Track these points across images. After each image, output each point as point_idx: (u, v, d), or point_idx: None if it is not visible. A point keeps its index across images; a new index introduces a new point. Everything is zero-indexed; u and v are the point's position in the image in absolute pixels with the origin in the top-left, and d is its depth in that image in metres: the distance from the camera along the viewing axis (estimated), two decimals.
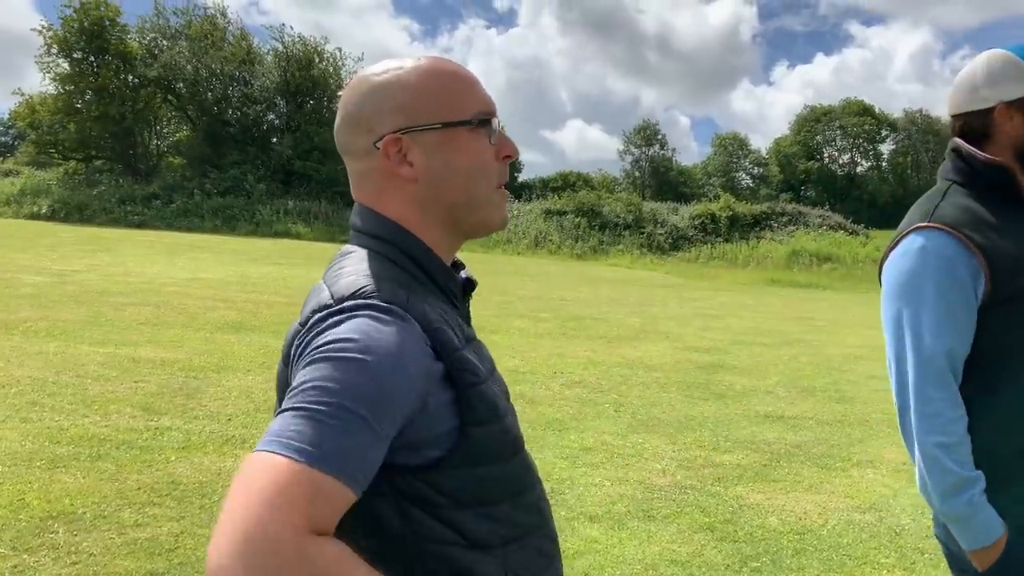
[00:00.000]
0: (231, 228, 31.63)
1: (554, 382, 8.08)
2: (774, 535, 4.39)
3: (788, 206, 37.57)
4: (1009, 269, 1.79)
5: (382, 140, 1.11)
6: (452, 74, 1.16)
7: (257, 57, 42.78)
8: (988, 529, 1.78)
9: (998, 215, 1.85)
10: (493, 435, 1.08)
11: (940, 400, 1.79)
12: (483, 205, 1.17)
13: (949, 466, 1.77)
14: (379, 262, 1.10)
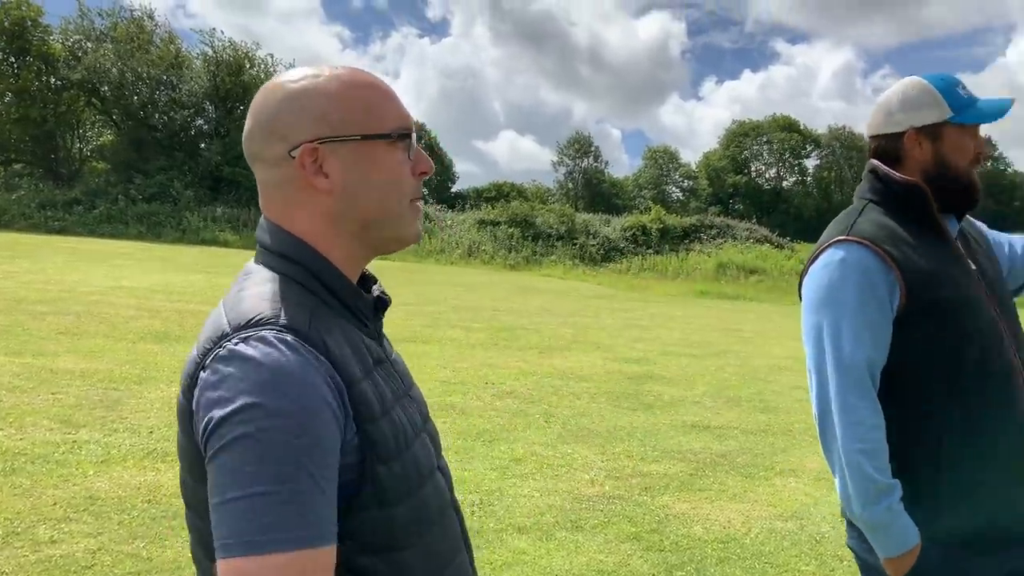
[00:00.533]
0: (156, 235, 30.86)
1: (485, 392, 8.08)
2: (699, 544, 4.46)
3: (716, 219, 38.34)
4: (922, 283, 1.86)
5: (298, 149, 1.07)
6: (372, 86, 1.13)
7: (186, 61, 41.91)
8: (905, 537, 1.83)
9: (912, 233, 1.93)
10: (397, 472, 1.04)
11: (861, 408, 1.84)
12: (397, 220, 1.15)
13: (870, 473, 1.82)
14: (283, 283, 1.06)
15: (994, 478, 1.85)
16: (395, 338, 9.63)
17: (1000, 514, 1.85)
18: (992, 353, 1.85)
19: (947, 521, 1.86)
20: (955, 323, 1.85)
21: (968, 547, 1.86)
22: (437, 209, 38.55)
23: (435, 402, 7.41)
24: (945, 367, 1.85)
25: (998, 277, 1.98)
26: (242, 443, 0.89)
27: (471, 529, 4.41)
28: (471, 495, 5.00)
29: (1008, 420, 1.85)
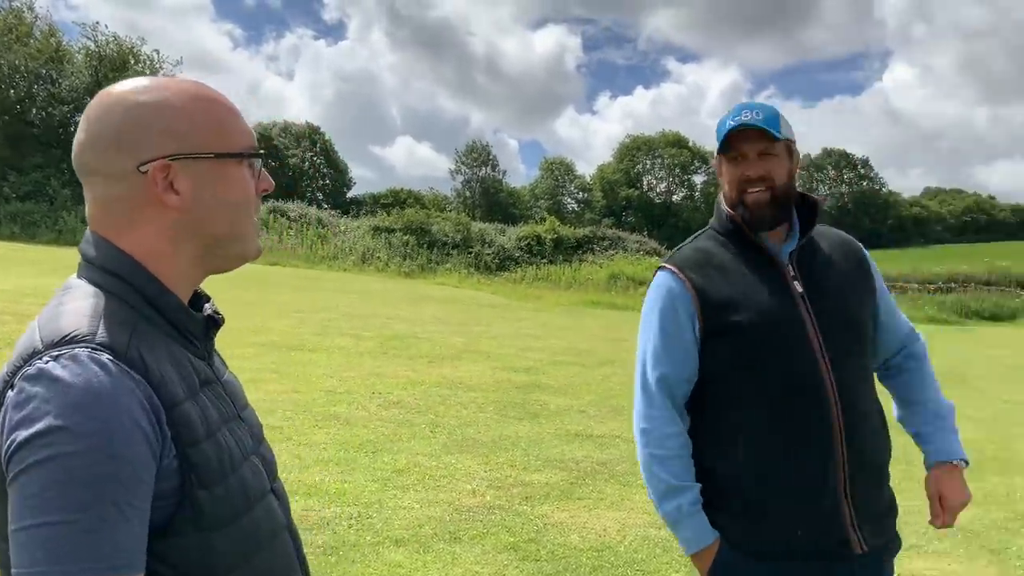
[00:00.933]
0: (31, 236, 29.32)
1: (371, 403, 8.00)
2: (574, 552, 4.53)
3: (609, 231, 39.07)
4: (719, 307, 2.01)
5: (149, 164, 1.05)
6: (220, 103, 1.13)
7: (67, 55, 40.05)
8: (697, 537, 2.00)
9: (732, 257, 2.06)
10: (220, 496, 1.02)
11: (655, 418, 2.04)
12: (243, 238, 1.14)
13: (660, 474, 2.02)
14: (105, 299, 1.03)
15: (786, 493, 1.95)
16: (283, 345, 9.45)
17: (791, 528, 1.95)
18: (799, 371, 1.95)
19: (740, 527, 1.99)
20: (755, 343, 1.97)
21: (758, 555, 1.98)
22: (331, 215, 37.97)
23: (319, 412, 7.30)
24: (746, 383, 1.99)
25: (837, 297, 2.03)
26: (43, 467, 0.86)
27: (347, 543, 4.37)
28: (349, 508, 4.95)
29: (811, 438, 1.94)
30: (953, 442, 2.10)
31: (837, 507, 1.94)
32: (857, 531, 1.95)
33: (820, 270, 2.05)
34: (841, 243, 2.15)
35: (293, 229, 33.12)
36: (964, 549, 4.98)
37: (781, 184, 2.00)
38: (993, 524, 5.48)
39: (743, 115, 1.98)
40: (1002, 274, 33.73)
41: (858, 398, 1.98)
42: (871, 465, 2.00)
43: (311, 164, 70.68)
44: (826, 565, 1.97)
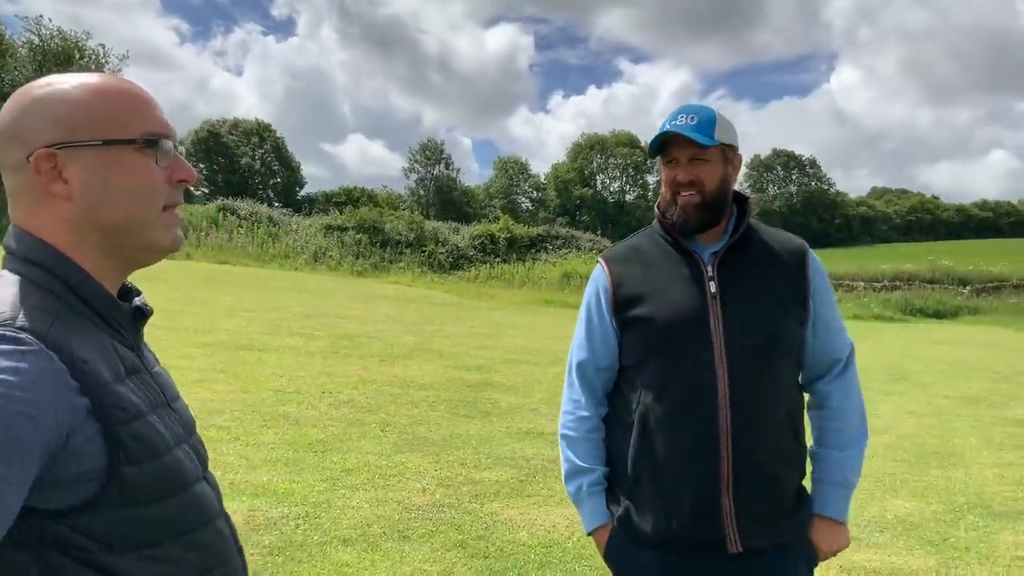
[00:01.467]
0: None
1: (321, 402, 7.93)
2: (523, 549, 4.55)
3: (563, 230, 39.19)
4: (629, 300, 2.10)
5: (33, 155, 1.06)
6: (122, 92, 1.12)
7: (9, 49, 39.10)
8: (591, 519, 2.14)
9: (657, 256, 2.14)
10: (149, 474, 1.04)
11: (572, 401, 2.19)
12: (147, 227, 1.13)
13: (567, 455, 2.18)
14: (28, 288, 1.04)
15: (666, 484, 2.02)
16: (232, 345, 9.32)
17: (667, 518, 2.01)
18: (694, 369, 1.99)
19: (625, 512, 2.09)
20: (657, 337, 2.04)
21: (640, 541, 2.06)
22: (282, 213, 37.54)
23: (268, 412, 7.22)
24: (647, 375, 2.06)
25: (754, 301, 2.03)
26: None
27: (294, 543, 4.33)
28: (297, 507, 4.90)
29: (696, 435, 1.99)
30: (839, 499, 2.12)
31: (715, 505, 1.97)
32: (735, 530, 1.97)
33: (742, 273, 2.07)
34: (783, 248, 2.13)
35: (244, 227, 32.69)
36: (903, 541, 5.10)
37: (712, 188, 2.04)
38: (932, 516, 5.62)
39: (678, 119, 2.03)
40: (945, 272, 34.51)
41: (755, 402, 1.98)
42: (761, 468, 2.00)
43: (262, 162, 69.83)
44: (701, 560, 2.01)
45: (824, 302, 2.13)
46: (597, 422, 2.16)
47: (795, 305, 2.08)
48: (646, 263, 2.12)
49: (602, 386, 2.17)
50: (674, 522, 1.99)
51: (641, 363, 2.07)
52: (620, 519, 2.08)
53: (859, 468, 2.16)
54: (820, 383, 2.18)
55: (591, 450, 2.15)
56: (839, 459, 2.13)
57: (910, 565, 4.70)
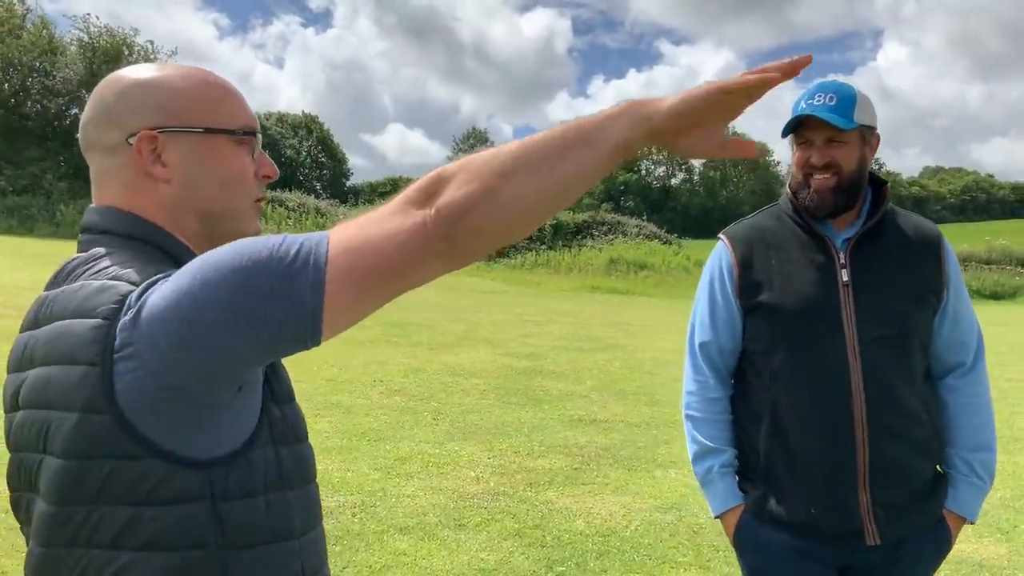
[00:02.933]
0: (29, 229, 29.30)
1: (373, 391, 7.97)
2: (580, 538, 4.50)
3: (608, 216, 38.95)
4: (757, 284, 2.02)
5: (135, 136, 1.07)
6: (220, 86, 1.15)
7: (60, 47, 39.90)
8: (722, 500, 2.07)
9: (785, 238, 2.04)
10: (286, 416, 1.09)
11: (697, 382, 2.11)
12: (237, 217, 1.14)
13: (695, 436, 2.10)
14: (145, 259, 1.03)
15: (802, 473, 1.97)
16: None
17: (805, 505, 1.96)
18: (827, 359, 1.93)
19: (760, 496, 2.03)
20: (787, 324, 1.97)
21: (776, 524, 2.00)
22: (329, 204, 37.87)
23: (320, 401, 7.27)
24: (777, 362, 1.99)
25: (885, 290, 1.97)
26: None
27: (351, 532, 4.35)
28: (353, 496, 4.92)
29: (831, 426, 1.93)
30: (976, 500, 2.06)
31: (852, 496, 1.94)
32: (872, 522, 1.93)
33: (876, 261, 2.00)
34: (918, 235, 2.05)
35: (292, 219, 33.04)
36: (972, 529, 4.93)
37: (848, 172, 1.96)
38: (1001, 503, 5.46)
39: (815, 98, 1.94)
40: (1002, 252, 33.66)
41: (889, 393, 1.93)
42: (896, 459, 1.95)
43: (309, 154, 70.54)
44: (839, 548, 1.99)
45: (956, 291, 2.05)
46: (726, 404, 2.11)
47: (930, 295, 2.00)
48: (772, 245, 2.04)
49: (726, 368, 2.12)
50: (812, 510, 1.96)
51: (769, 350, 2.01)
52: (755, 502, 2.03)
53: (994, 469, 2.09)
54: (949, 377, 2.09)
55: (721, 431, 2.09)
56: (975, 460, 2.06)
57: (980, 553, 4.56)
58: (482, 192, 0.90)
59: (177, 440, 0.93)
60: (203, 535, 0.95)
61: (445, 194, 0.90)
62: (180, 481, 0.93)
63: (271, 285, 0.88)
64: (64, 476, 0.95)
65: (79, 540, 0.95)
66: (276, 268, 0.88)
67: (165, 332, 0.89)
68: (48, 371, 0.97)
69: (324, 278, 0.88)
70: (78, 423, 0.93)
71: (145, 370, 0.90)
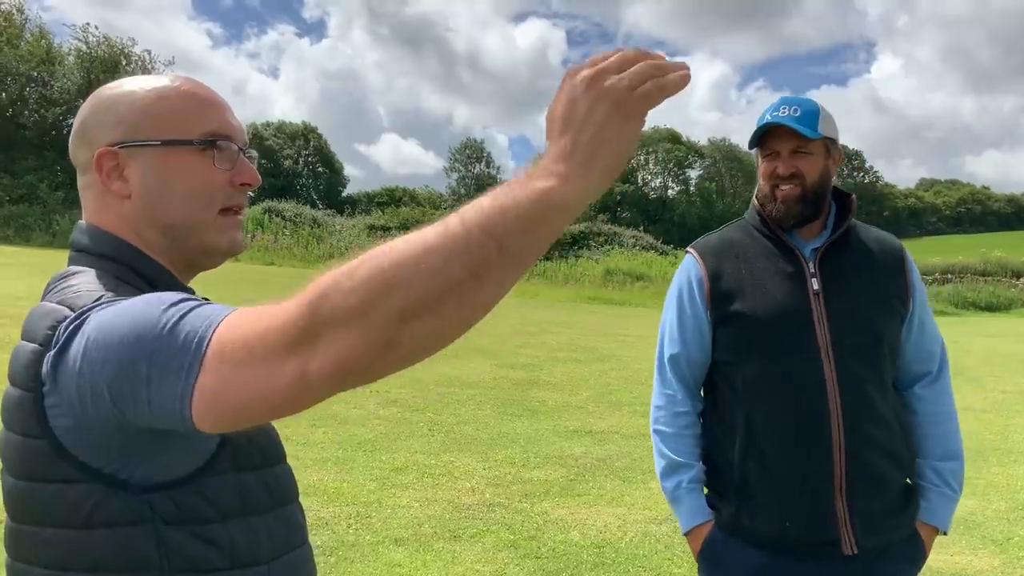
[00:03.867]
0: (25, 239, 29.25)
1: (369, 401, 7.96)
2: (575, 549, 4.50)
3: (604, 227, 38.94)
4: (727, 295, 2.03)
5: (96, 152, 1.09)
6: (186, 93, 1.12)
7: (58, 57, 39.94)
8: (691, 516, 2.06)
9: (754, 250, 2.06)
10: (253, 438, 1.07)
11: (665, 396, 2.10)
12: (202, 229, 1.11)
13: (663, 451, 2.09)
14: (112, 281, 1.04)
15: (778, 486, 1.96)
16: None
17: (780, 520, 1.96)
18: (801, 369, 1.94)
19: (731, 511, 2.01)
20: (760, 334, 1.98)
21: (746, 540, 1.99)
22: (326, 214, 37.88)
23: (316, 411, 7.25)
24: (750, 373, 2.00)
25: (856, 298, 1.99)
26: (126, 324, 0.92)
27: (346, 543, 4.34)
28: (348, 507, 4.92)
29: (808, 436, 1.94)
30: (947, 510, 2.08)
31: (830, 506, 1.94)
32: (849, 532, 1.94)
33: (845, 270, 2.03)
34: (881, 246, 2.10)
35: (288, 229, 33.04)
36: (966, 540, 4.96)
37: (813, 181, 1.99)
38: (995, 515, 5.47)
39: (780, 110, 1.98)
40: (997, 264, 33.72)
41: (864, 401, 1.95)
42: (872, 468, 1.96)
43: (305, 164, 70.56)
44: (814, 562, 1.97)
45: (921, 301, 2.09)
46: (694, 417, 2.11)
47: (898, 304, 2.04)
48: (742, 256, 2.06)
49: (695, 381, 2.12)
50: (788, 523, 1.95)
51: (741, 360, 2.01)
52: (728, 518, 2.02)
53: (963, 478, 2.11)
54: (916, 387, 2.12)
55: (689, 446, 2.09)
56: (945, 469, 2.07)
57: (974, 565, 4.56)
58: (380, 338, 0.75)
59: (115, 465, 0.94)
60: (147, 560, 0.95)
61: (329, 340, 0.76)
62: (119, 504, 0.94)
63: (151, 376, 0.85)
64: (16, 495, 0.98)
65: (33, 558, 0.97)
66: (158, 360, 0.84)
67: (72, 382, 0.91)
68: (10, 390, 1.00)
69: (189, 397, 0.83)
70: (21, 445, 0.96)
71: (60, 408, 0.93)
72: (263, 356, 0.79)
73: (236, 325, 0.83)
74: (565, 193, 0.76)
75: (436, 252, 0.74)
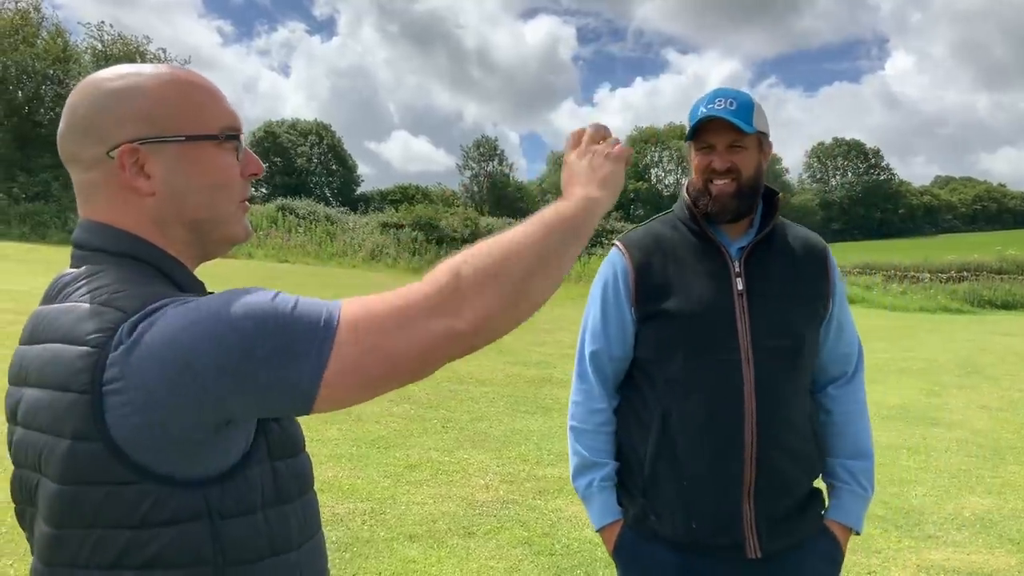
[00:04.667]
0: (41, 236, 29.43)
1: (383, 398, 7.98)
2: (589, 547, 4.50)
3: (618, 224, 38.91)
4: (653, 291, 2.00)
5: (117, 149, 1.04)
6: (196, 85, 1.10)
7: (73, 55, 40.19)
8: (601, 514, 2.04)
9: (680, 246, 2.04)
10: (285, 428, 1.09)
11: (582, 392, 2.08)
12: (227, 221, 1.13)
13: (577, 448, 2.06)
14: (141, 278, 1.01)
15: (686, 485, 1.94)
16: None
17: (686, 519, 1.95)
18: (719, 368, 1.92)
19: (639, 510, 2.00)
20: (681, 332, 1.96)
21: (653, 539, 1.98)
22: (340, 212, 37.98)
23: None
24: (668, 370, 1.97)
25: (779, 300, 1.98)
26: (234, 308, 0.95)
27: (361, 539, 4.36)
28: (363, 503, 4.93)
29: (720, 436, 1.92)
30: (859, 509, 2.06)
31: (737, 509, 1.92)
32: (755, 535, 1.92)
33: (769, 270, 2.01)
34: (805, 245, 2.07)
35: (302, 226, 33.16)
36: (982, 539, 4.93)
37: (747, 177, 1.97)
38: (1012, 513, 5.43)
39: (716, 103, 1.94)
40: (1013, 262, 33.44)
41: (779, 405, 1.93)
42: (782, 473, 1.95)
43: (319, 161, 70.78)
44: (719, 562, 1.96)
45: (840, 302, 2.08)
46: (609, 415, 2.07)
47: (818, 305, 2.03)
48: (668, 253, 2.03)
49: (614, 377, 2.08)
50: (694, 524, 1.94)
51: (662, 358, 1.98)
52: (635, 517, 2.01)
53: (873, 477, 2.11)
54: (831, 387, 2.11)
55: (603, 444, 2.06)
56: (856, 468, 2.07)
57: (990, 564, 4.54)
58: (508, 300, 0.99)
59: (170, 464, 0.93)
60: (203, 553, 0.96)
61: (472, 302, 0.96)
62: (176, 502, 0.94)
63: (272, 357, 0.89)
64: (60, 501, 0.95)
65: (79, 561, 0.96)
66: (279, 342, 0.90)
67: (157, 374, 0.90)
68: (40, 394, 0.98)
69: (323, 371, 0.91)
70: (70, 449, 0.93)
71: (133, 406, 0.91)
72: (412, 320, 0.94)
73: (367, 303, 0.95)
74: (596, 197, 1.17)
75: (535, 235, 1.05)
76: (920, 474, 6.24)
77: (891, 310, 25.14)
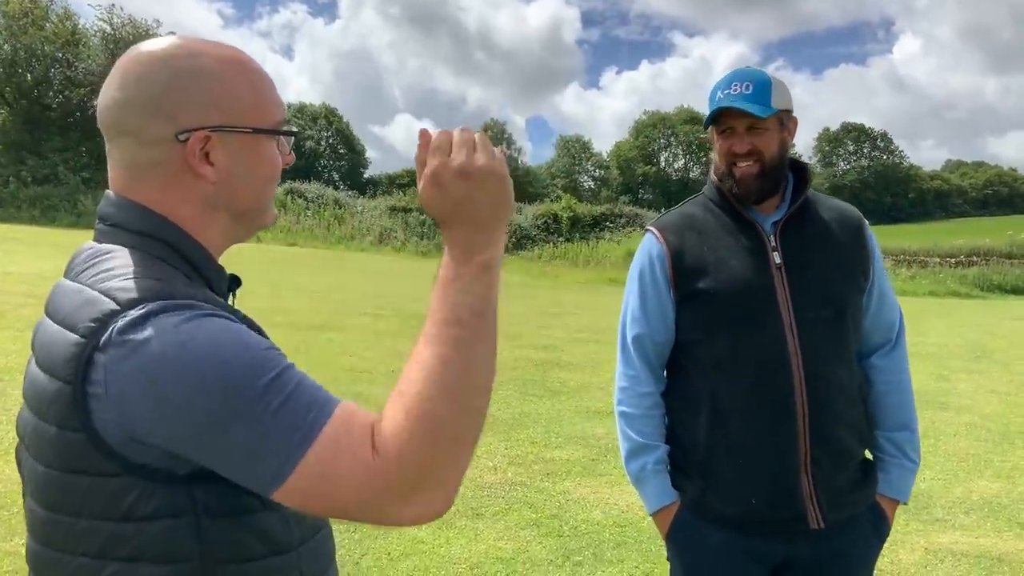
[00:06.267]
0: (50, 220, 29.55)
1: (392, 381, 7.95)
2: (597, 528, 4.53)
3: (626, 208, 38.88)
4: (690, 272, 2.00)
5: (187, 133, 1.02)
6: (257, 73, 1.10)
7: (82, 38, 40.19)
8: (657, 497, 2.04)
9: (714, 226, 2.04)
10: None
11: (629, 376, 2.07)
12: (265, 210, 1.15)
13: (628, 432, 2.06)
14: (152, 261, 1.01)
15: (743, 463, 1.95)
16: (303, 325, 9.47)
17: (746, 497, 1.95)
18: (765, 343, 1.93)
19: (697, 491, 2.00)
20: (723, 310, 1.96)
21: (713, 520, 1.99)
22: (348, 195, 38.00)
23: (340, 391, 7.25)
24: (714, 350, 1.98)
25: (819, 270, 1.98)
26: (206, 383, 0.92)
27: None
28: None
29: (772, 411, 1.92)
30: (907, 480, 2.08)
31: (795, 481, 1.92)
32: (815, 506, 1.93)
33: (806, 242, 2.01)
34: (840, 216, 2.08)
35: (311, 210, 33.22)
36: (991, 523, 4.93)
37: (770, 157, 1.97)
38: (1020, 497, 5.43)
39: (732, 87, 1.95)
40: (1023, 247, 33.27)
41: (828, 374, 1.93)
42: (837, 442, 1.96)
43: (327, 145, 70.78)
44: (782, 537, 1.97)
45: (880, 271, 2.08)
46: (658, 399, 2.08)
47: (858, 274, 2.02)
48: (703, 233, 2.03)
49: (659, 361, 2.09)
50: (754, 500, 1.94)
51: (707, 338, 1.99)
52: (693, 499, 2.01)
53: (919, 448, 2.11)
54: (874, 357, 2.11)
55: (653, 427, 2.06)
56: (901, 440, 2.08)
57: (999, 547, 4.54)
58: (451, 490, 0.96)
59: (155, 459, 0.92)
60: (187, 550, 0.95)
61: (414, 504, 0.93)
62: (160, 498, 0.93)
63: (237, 447, 0.88)
64: (50, 484, 0.97)
65: (68, 547, 0.97)
66: (251, 435, 0.88)
67: (134, 400, 0.89)
68: (39, 374, 0.98)
69: (281, 482, 0.89)
70: (56, 436, 0.94)
71: (111, 414, 0.91)
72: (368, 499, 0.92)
73: (340, 448, 0.91)
74: (493, 252, 1.07)
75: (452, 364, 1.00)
76: (929, 458, 6.24)
77: (900, 295, 25.01)
